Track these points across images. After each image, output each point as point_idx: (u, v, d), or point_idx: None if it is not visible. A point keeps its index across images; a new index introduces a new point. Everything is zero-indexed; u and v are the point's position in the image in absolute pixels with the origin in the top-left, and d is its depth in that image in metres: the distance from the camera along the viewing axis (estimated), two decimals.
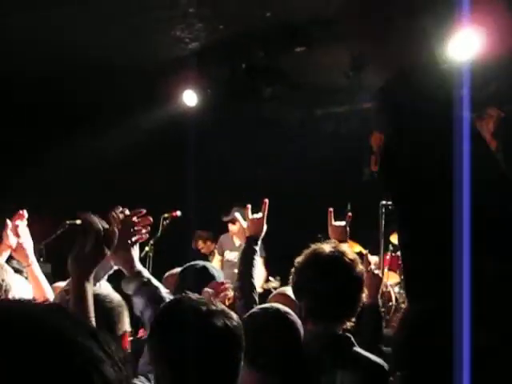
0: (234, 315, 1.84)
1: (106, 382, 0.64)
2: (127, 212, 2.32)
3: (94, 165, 7.81)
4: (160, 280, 4.29)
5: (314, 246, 2.72)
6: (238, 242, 7.23)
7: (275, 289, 5.54)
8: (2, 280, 2.52)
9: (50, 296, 3.12)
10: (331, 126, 8.71)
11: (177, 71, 7.82)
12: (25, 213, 3.11)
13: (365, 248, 6.72)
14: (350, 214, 3.74)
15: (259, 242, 3.29)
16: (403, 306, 6.85)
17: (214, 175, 8.15)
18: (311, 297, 2.59)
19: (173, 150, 8.88)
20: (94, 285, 2.02)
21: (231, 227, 7.52)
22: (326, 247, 2.69)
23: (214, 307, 1.80)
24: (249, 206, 3.35)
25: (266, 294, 4.00)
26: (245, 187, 7.73)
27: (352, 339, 2.61)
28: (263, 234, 3.32)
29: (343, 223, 3.67)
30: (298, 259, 2.73)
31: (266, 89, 7.67)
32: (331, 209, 3.67)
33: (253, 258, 3.18)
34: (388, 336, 3.74)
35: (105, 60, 7.35)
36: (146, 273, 2.43)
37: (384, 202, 6.49)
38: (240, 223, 3.52)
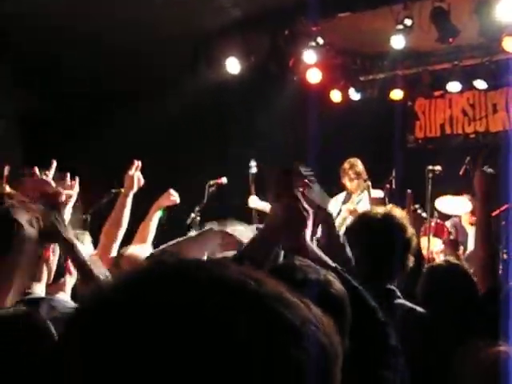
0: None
1: (322, 347, 0.60)
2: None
3: (140, 134, 7.92)
4: None
5: (367, 209, 2.72)
6: None
7: None
8: None
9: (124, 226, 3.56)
10: (375, 92, 8.63)
11: (219, 39, 7.82)
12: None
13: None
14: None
15: None
16: None
17: (257, 144, 8.16)
18: (361, 255, 2.57)
19: (216, 117, 8.94)
20: None
21: None
22: (379, 209, 2.71)
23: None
24: None
25: None
26: (286, 155, 7.74)
27: (397, 292, 2.62)
28: None
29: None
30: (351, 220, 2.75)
31: (308, 55, 7.60)
32: None
33: None
34: None
35: (148, 28, 7.40)
36: None
37: (430, 167, 6.24)
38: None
